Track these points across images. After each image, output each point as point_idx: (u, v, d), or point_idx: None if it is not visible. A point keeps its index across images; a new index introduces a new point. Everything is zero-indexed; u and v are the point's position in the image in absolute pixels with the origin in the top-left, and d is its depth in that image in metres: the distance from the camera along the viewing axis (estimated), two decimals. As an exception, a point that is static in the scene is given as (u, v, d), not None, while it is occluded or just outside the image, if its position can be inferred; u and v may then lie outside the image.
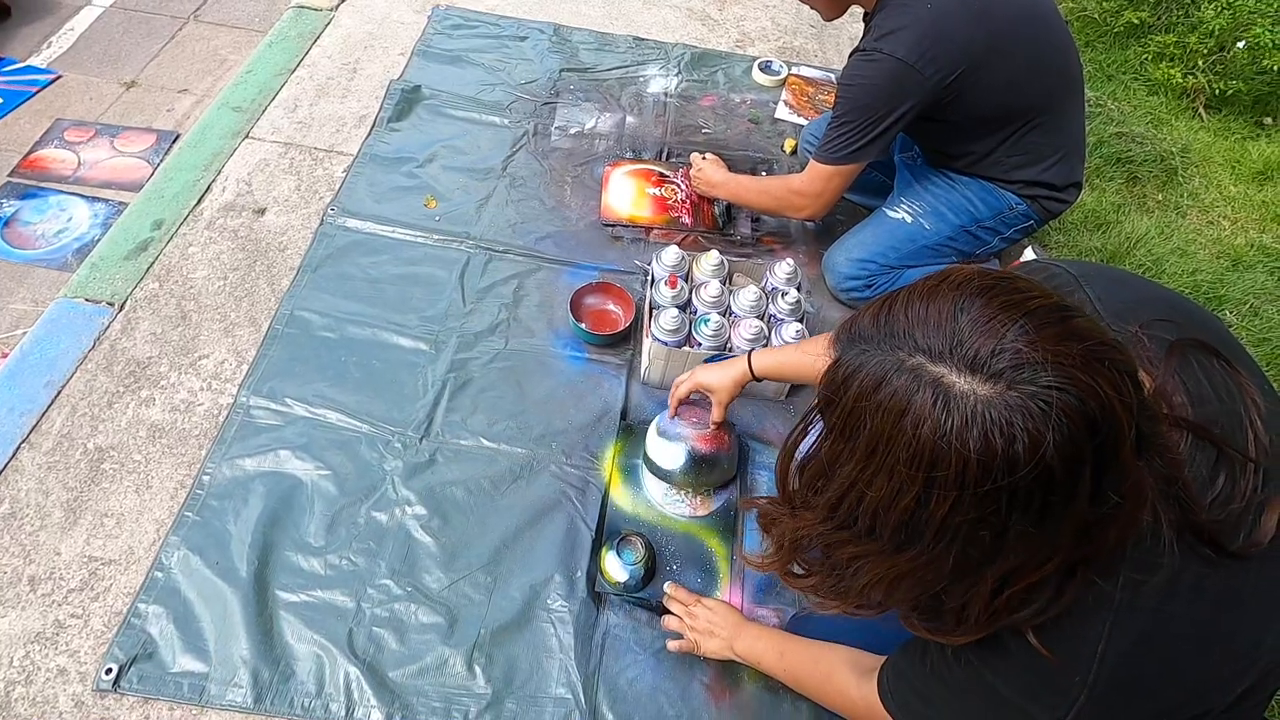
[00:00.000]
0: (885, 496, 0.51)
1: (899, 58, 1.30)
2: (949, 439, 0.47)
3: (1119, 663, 0.57)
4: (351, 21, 2.17)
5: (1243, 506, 0.56)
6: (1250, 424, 0.60)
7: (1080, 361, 0.47)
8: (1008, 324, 0.48)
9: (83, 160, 1.87)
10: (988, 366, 0.47)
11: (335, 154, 1.79)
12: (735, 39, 2.32)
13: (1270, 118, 2.40)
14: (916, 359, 0.49)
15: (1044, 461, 0.46)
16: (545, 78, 2.06)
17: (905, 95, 1.33)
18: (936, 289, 0.52)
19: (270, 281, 1.53)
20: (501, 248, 1.64)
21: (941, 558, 0.52)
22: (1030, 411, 0.46)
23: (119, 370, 1.37)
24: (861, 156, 1.40)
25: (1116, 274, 0.73)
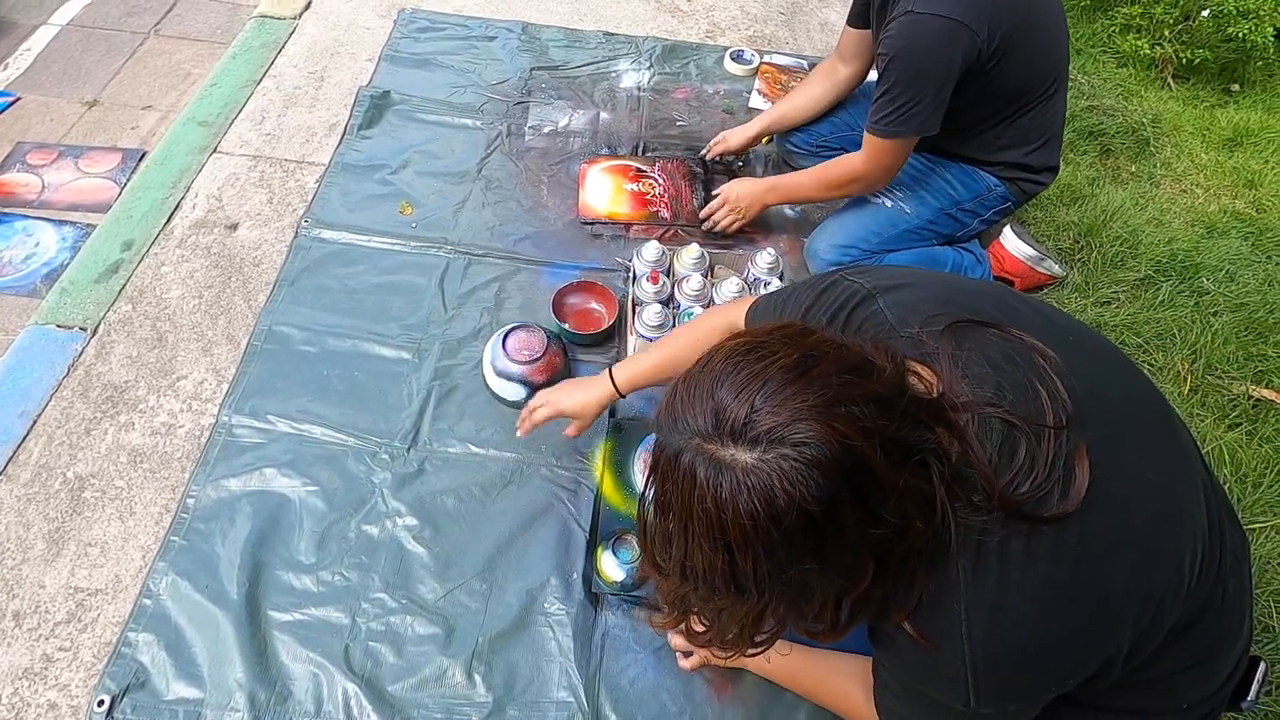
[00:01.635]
0: (706, 562, 0.58)
1: (952, 16, 1.23)
2: (725, 506, 0.54)
3: (984, 639, 0.62)
4: (316, 29, 2.14)
5: (1048, 470, 0.61)
6: (1042, 383, 0.64)
7: (817, 413, 0.53)
8: (755, 391, 0.55)
9: (47, 183, 1.83)
10: (745, 435, 0.54)
11: (306, 164, 1.76)
12: (706, 29, 2.31)
13: (1237, 84, 2.42)
14: (695, 440, 0.56)
15: (801, 510, 0.53)
16: (516, 77, 2.04)
17: (958, 56, 1.26)
18: (700, 371, 0.59)
19: (246, 297, 1.50)
20: (480, 251, 1.63)
21: (774, 599, 0.60)
22: (783, 471, 0.53)
23: (95, 396, 1.34)
24: (927, 127, 1.34)
25: (906, 276, 0.78)
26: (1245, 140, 2.24)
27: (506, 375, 1.36)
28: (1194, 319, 1.69)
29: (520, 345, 1.37)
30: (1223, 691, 0.79)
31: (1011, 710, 0.69)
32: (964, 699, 0.63)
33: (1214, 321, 1.68)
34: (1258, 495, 1.39)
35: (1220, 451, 1.45)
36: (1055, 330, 0.72)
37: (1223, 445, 1.45)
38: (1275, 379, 1.61)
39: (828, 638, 0.67)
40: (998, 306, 0.73)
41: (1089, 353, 0.73)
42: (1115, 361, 0.75)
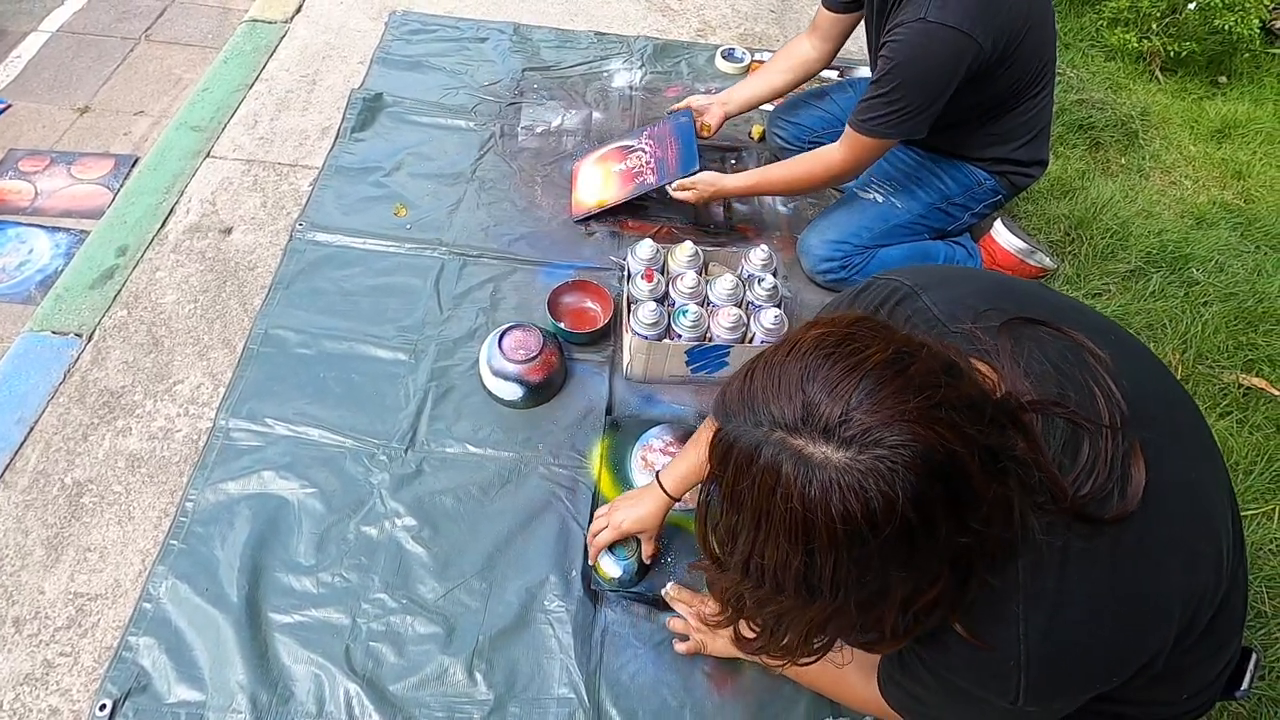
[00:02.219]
0: (779, 561, 0.55)
1: (960, 29, 1.21)
2: (814, 507, 0.51)
3: (1042, 639, 0.61)
4: (307, 33, 2.14)
5: (1108, 471, 0.60)
6: (1096, 383, 0.63)
7: (919, 415, 0.51)
8: (851, 388, 0.52)
9: (39, 190, 1.83)
10: (838, 434, 0.51)
11: (300, 168, 1.77)
12: (696, 28, 2.32)
13: (1225, 76, 2.44)
14: (778, 433, 0.53)
15: (900, 515, 0.50)
16: (508, 78, 2.04)
17: (962, 69, 1.25)
18: (785, 360, 0.56)
19: (242, 301, 1.51)
20: (475, 252, 1.63)
21: (845, 603, 0.56)
22: (880, 473, 0.50)
23: (92, 401, 1.34)
24: (912, 132, 1.34)
25: (946, 274, 0.78)
26: (1233, 131, 2.25)
27: (503, 374, 1.36)
28: (1184, 309, 1.70)
29: (516, 344, 1.38)
30: (1219, 680, 0.80)
31: (1055, 708, 0.69)
32: (1011, 697, 0.63)
33: (1204, 311, 1.69)
34: (1249, 483, 1.41)
35: (1212, 440, 1.46)
36: (1096, 328, 0.71)
37: (1214, 434, 1.46)
38: (1265, 367, 1.62)
39: (885, 647, 0.66)
40: (1044, 304, 0.73)
41: (1126, 351, 0.72)
42: (1149, 360, 0.75)
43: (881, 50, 1.31)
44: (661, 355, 1.39)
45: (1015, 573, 0.60)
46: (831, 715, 1.10)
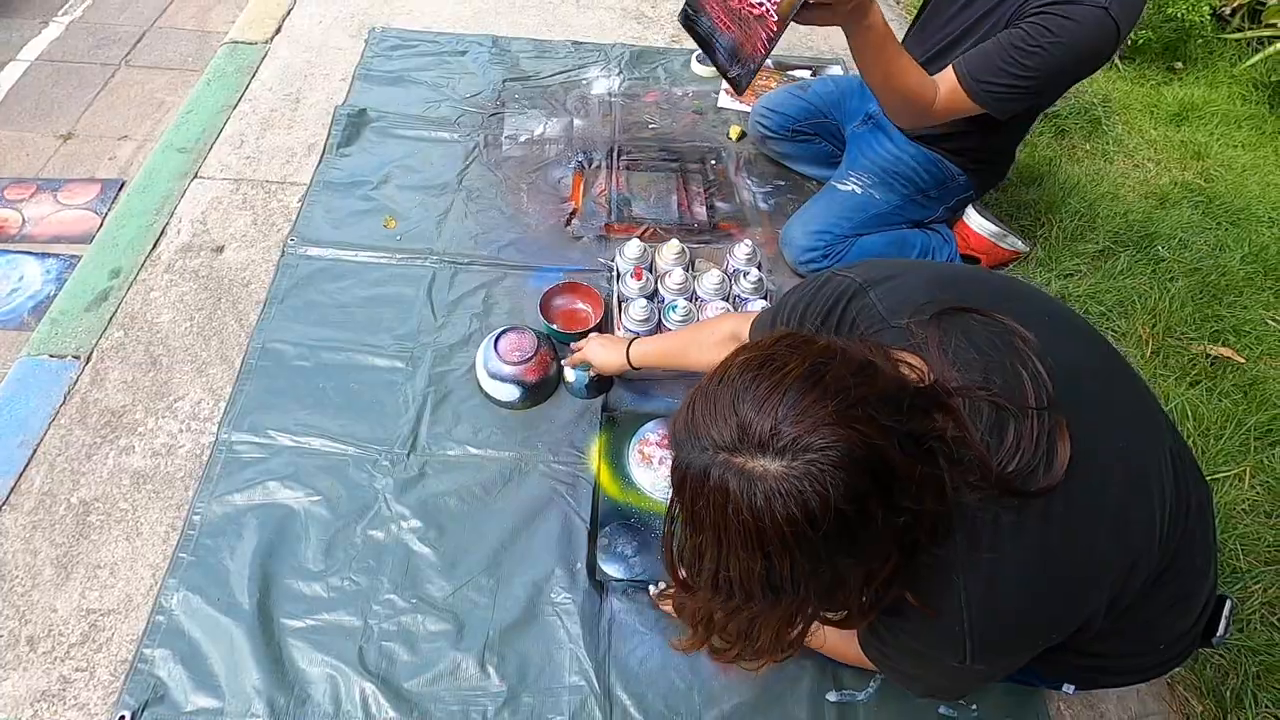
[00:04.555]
0: (743, 570, 0.61)
1: (1121, 31, 1.14)
2: (762, 515, 0.57)
3: (982, 605, 0.67)
4: (288, 52, 2.16)
5: (1033, 448, 0.65)
6: (1024, 365, 0.68)
7: (837, 418, 0.57)
8: (776, 404, 0.58)
9: (27, 217, 1.83)
10: (771, 446, 0.57)
11: (288, 185, 1.79)
12: (671, 34, 2.37)
13: (1180, 62, 2.53)
14: (721, 454, 0.59)
15: (835, 509, 0.56)
16: (489, 89, 2.08)
17: (1100, 64, 1.19)
18: (718, 388, 0.62)
19: (238, 317, 1.53)
20: (466, 260, 1.67)
21: (807, 596, 0.64)
22: (813, 475, 0.56)
23: (94, 422, 1.36)
24: (1012, 112, 1.27)
25: (895, 268, 0.83)
26: (1191, 115, 2.34)
27: (499, 376, 1.40)
28: (1152, 285, 1.77)
29: (512, 347, 1.41)
30: (1195, 629, 0.85)
31: (1003, 664, 0.76)
32: (960, 657, 0.69)
33: (1171, 287, 1.76)
34: (1219, 446, 1.47)
35: (1182, 408, 1.52)
36: (1032, 309, 0.76)
37: (1184, 402, 1.53)
38: (1230, 337, 1.69)
39: (854, 623, 0.72)
40: (983, 291, 0.78)
41: (1062, 328, 0.78)
42: (1085, 335, 0.80)
43: (1038, 17, 1.19)
44: (653, 351, 1.42)
45: (954, 545, 0.66)
46: (835, 689, 1.14)
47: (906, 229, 1.68)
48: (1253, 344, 1.68)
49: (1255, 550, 1.33)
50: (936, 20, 1.45)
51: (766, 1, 1.09)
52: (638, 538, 1.25)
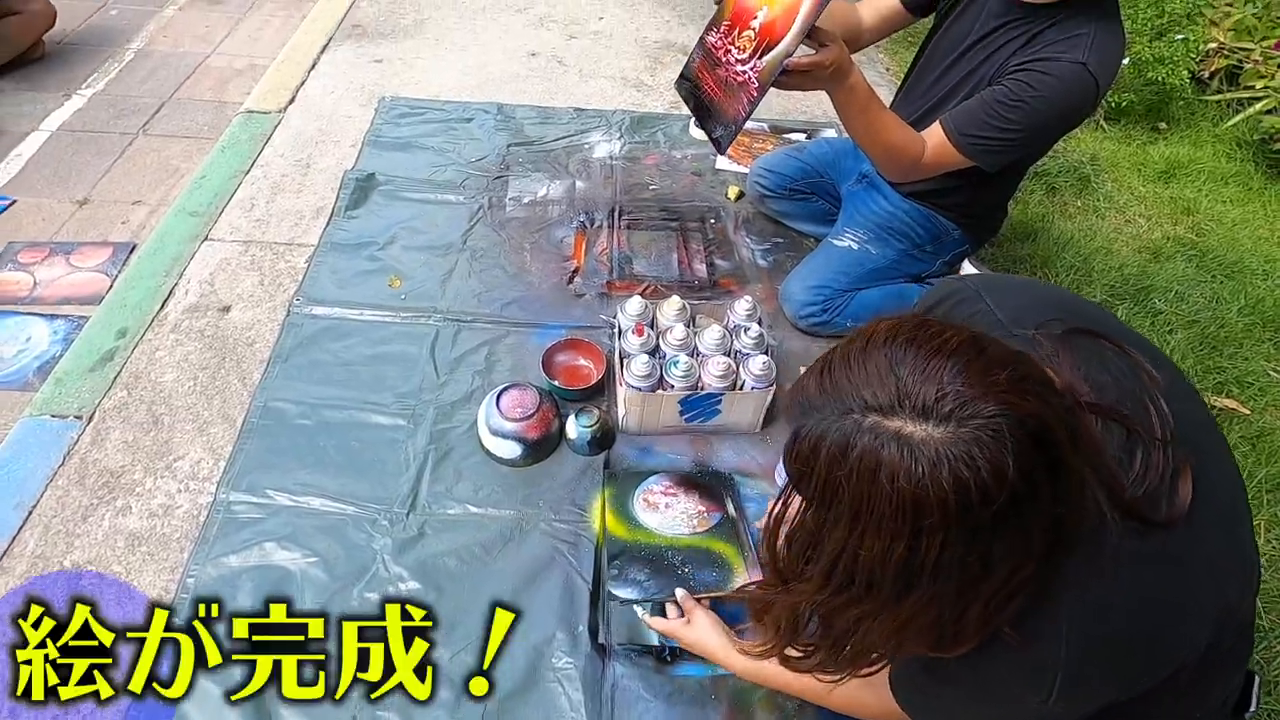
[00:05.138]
0: (879, 552, 0.55)
1: (1101, 87, 1.18)
2: (924, 484, 0.51)
3: (1083, 637, 0.61)
4: (301, 120, 2.24)
5: (1158, 479, 0.62)
6: (1151, 400, 0.66)
7: (1010, 386, 0.53)
8: (940, 368, 0.54)
9: (38, 280, 1.86)
10: (936, 411, 0.53)
11: (296, 246, 1.83)
12: (670, 100, 2.46)
13: (1164, 123, 2.62)
14: (871, 418, 0.54)
15: (1009, 482, 0.51)
16: (494, 154, 2.15)
17: (1082, 117, 1.23)
18: (866, 348, 0.57)
19: (241, 377, 1.53)
20: (469, 317, 1.68)
21: (942, 593, 0.56)
22: (984, 442, 0.51)
23: (91, 483, 1.35)
24: (998, 165, 1.31)
25: (1007, 281, 0.82)
26: (1178, 172, 2.40)
27: (501, 433, 1.39)
28: (1151, 338, 1.77)
29: (514, 403, 1.41)
30: (1228, 703, 0.81)
31: (1080, 708, 0.68)
32: (1043, 694, 0.62)
33: (1170, 339, 1.77)
34: (1233, 500, 1.44)
35: (1192, 461, 1.50)
36: (1147, 351, 0.74)
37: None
38: (1234, 388, 1.69)
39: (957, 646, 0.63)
40: (1105, 321, 0.75)
41: (1176, 378, 0.75)
42: (1184, 385, 0.78)
43: (1019, 74, 1.23)
44: (655, 406, 1.42)
45: (1066, 569, 0.60)
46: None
47: (905, 283, 1.70)
48: (1256, 395, 1.67)
49: (1275, 608, 1.29)
50: (921, 84, 1.51)
51: (749, 70, 1.16)
52: (650, 565, 1.23)
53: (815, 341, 1.71)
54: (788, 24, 1.09)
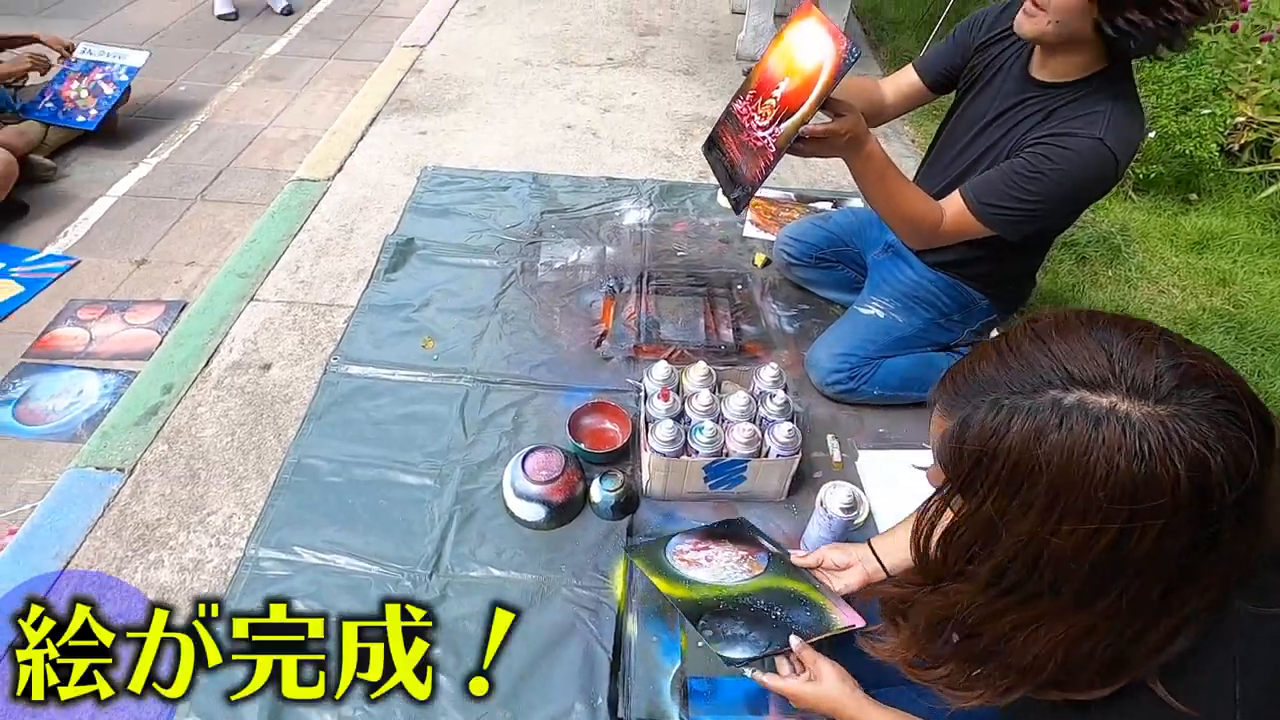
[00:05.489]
0: (1077, 542, 0.50)
1: (1119, 163, 1.20)
2: (1151, 464, 0.46)
3: (1260, 699, 0.53)
4: (347, 188, 2.37)
5: None
6: None
7: (1225, 371, 0.49)
8: (1152, 348, 0.50)
9: (94, 335, 1.96)
10: (1155, 389, 0.48)
11: (336, 307, 1.90)
12: (698, 170, 2.54)
13: (1195, 194, 2.61)
14: (1076, 394, 0.49)
15: (1251, 468, 0.47)
16: (528, 220, 2.23)
17: (1102, 189, 1.26)
18: (1064, 325, 0.54)
19: (277, 433, 1.58)
20: (498, 379, 1.72)
21: (1139, 598, 0.50)
22: (1219, 422, 0.47)
23: (128, 535, 1.38)
24: (1018, 235, 1.33)
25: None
26: (1212, 243, 2.38)
27: (526, 496, 1.40)
28: (1192, 411, 1.73)
29: (539, 466, 1.42)
30: None
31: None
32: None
33: (1212, 413, 1.72)
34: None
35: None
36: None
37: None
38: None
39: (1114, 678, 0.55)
40: None
41: None
42: None
43: (1038, 147, 1.26)
44: (680, 472, 1.42)
45: (1235, 612, 0.53)
46: None
47: (932, 351, 1.70)
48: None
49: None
50: (944, 158, 1.54)
51: (768, 136, 1.23)
52: (741, 617, 1.11)
53: (842, 409, 1.70)
54: (806, 94, 1.16)
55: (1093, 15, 1.14)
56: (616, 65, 3.22)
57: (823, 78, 1.14)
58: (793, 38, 1.24)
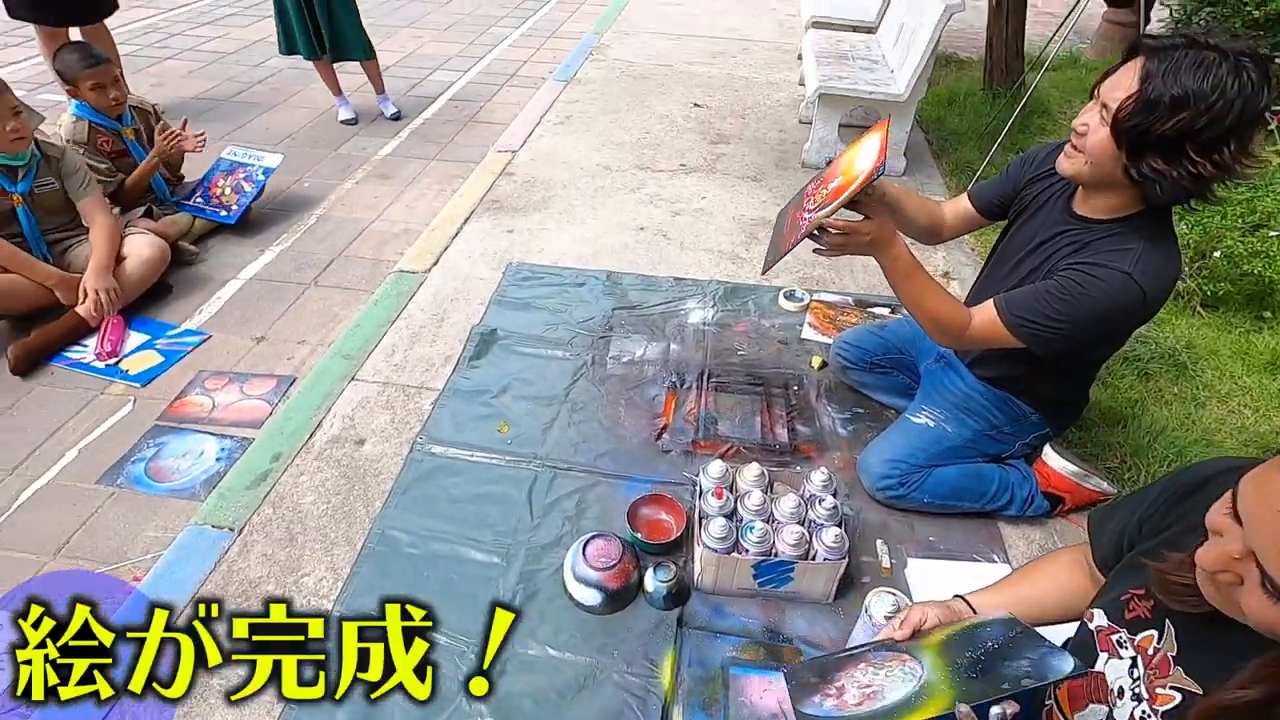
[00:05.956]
0: None
1: (1151, 298, 1.28)
2: None
3: None
4: (441, 279, 2.63)
5: None
6: None
7: None
8: None
9: (216, 403, 2.22)
10: None
11: (425, 390, 2.11)
12: (760, 272, 2.69)
13: (1268, 311, 2.57)
14: None
15: None
16: (600, 316, 2.42)
17: (1120, 328, 1.37)
18: None
19: (366, 504, 1.75)
20: (565, 465, 1.86)
21: None
22: None
23: (233, 590, 1.55)
24: (1046, 351, 1.40)
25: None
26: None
27: (584, 580, 1.50)
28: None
29: (599, 553, 1.53)
30: None
31: None
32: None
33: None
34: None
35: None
36: None
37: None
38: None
39: None
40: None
41: None
42: None
43: (1070, 272, 1.34)
44: (730, 568, 1.50)
45: None
46: None
47: (983, 463, 1.74)
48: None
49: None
50: (995, 276, 1.65)
51: (809, 216, 1.44)
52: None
53: (892, 514, 1.75)
54: (843, 192, 1.37)
55: (1121, 161, 1.25)
56: (688, 171, 3.48)
57: (855, 183, 1.33)
58: (861, 142, 1.46)
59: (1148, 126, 1.17)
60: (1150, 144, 1.19)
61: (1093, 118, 1.26)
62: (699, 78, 4.66)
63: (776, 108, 4.24)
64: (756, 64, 4.94)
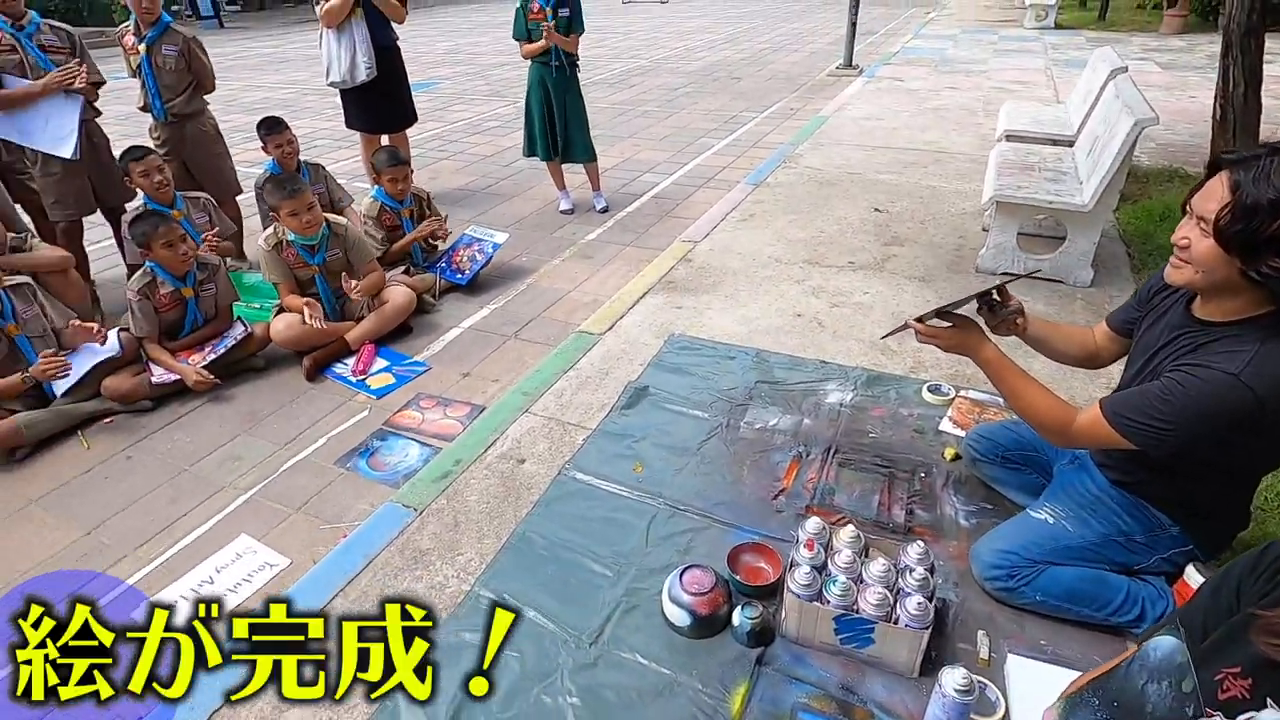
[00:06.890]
0: None
1: (1264, 401, 1.25)
2: None
3: None
4: (612, 341, 3.04)
5: None
6: None
7: None
8: None
9: (424, 419, 2.77)
10: None
11: (580, 428, 2.46)
12: (910, 365, 2.75)
13: None
14: None
15: None
16: (743, 387, 2.64)
17: (1240, 434, 1.30)
18: None
19: (515, 510, 2.10)
20: (684, 507, 2.07)
21: None
22: None
23: (407, 555, 1.95)
24: (1154, 451, 1.39)
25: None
26: None
27: (678, 602, 1.68)
28: None
29: (693, 580, 1.70)
30: None
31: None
32: None
33: None
34: None
35: None
36: None
37: None
38: None
39: None
40: None
41: None
42: None
43: (1175, 372, 1.35)
44: (812, 618, 1.59)
45: None
46: None
47: (1110, 570, 1.65)
48: None
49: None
50: (1127, 375, 1.63)
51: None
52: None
53: (1002, 609, 1.71)
54: None
55: (1237, 265, 1.26)
56: (856, 269, 3.64)
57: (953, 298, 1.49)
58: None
59: (1254, 230, 1.20)
60: (1261, 245, 1.21)
61: (1192, 231, 1.30)
62: (885, 185, 4.84)
63: (960, 215, 4.27)
64: (948, 174, 5.00)
